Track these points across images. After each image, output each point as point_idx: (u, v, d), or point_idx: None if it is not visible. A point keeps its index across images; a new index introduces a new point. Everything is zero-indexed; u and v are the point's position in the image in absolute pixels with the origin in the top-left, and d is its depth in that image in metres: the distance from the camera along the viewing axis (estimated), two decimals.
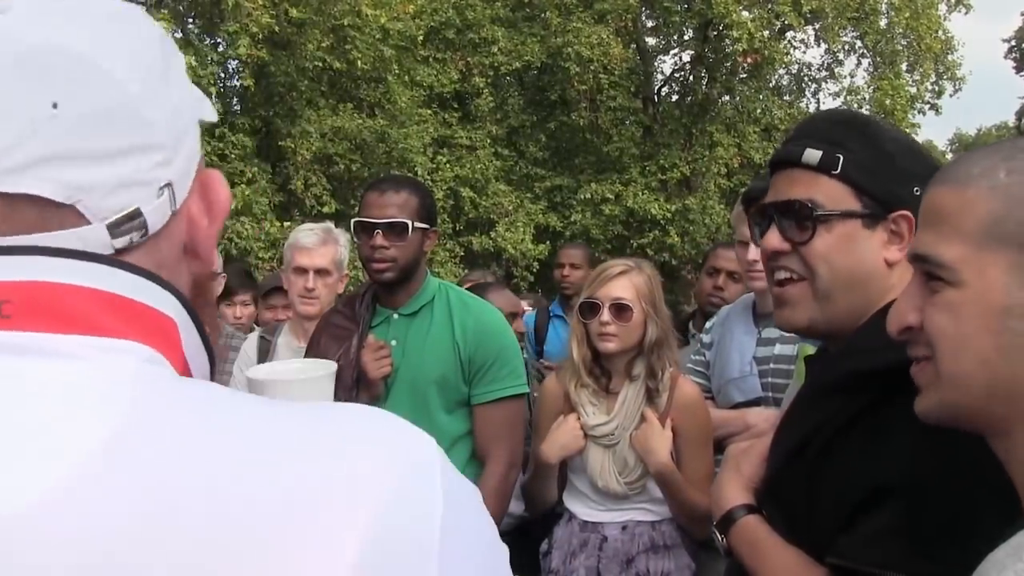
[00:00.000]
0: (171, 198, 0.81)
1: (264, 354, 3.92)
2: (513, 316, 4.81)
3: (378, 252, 3.05)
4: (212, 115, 0.91)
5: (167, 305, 0.79)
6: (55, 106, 0.73)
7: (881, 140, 1.57)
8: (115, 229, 0.77)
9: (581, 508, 3.14)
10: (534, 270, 20.61)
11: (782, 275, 1.64)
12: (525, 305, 4.75)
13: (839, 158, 1.56)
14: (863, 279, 1.56)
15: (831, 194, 1.57)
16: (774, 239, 1.62)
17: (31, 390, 0.70)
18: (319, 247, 3.84)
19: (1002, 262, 1.09)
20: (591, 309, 3.09)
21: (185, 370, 0.81)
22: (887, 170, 1.55)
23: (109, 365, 0.73)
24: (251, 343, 4.04)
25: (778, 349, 3.23)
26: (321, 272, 3.83)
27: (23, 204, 0.73)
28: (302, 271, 3.83)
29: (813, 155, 1.58)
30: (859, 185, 1.56)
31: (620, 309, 3.05)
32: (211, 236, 0.87)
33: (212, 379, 0.85)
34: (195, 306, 0.84)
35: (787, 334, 3.17)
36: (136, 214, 0.78)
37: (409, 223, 3.02)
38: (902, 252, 1.53)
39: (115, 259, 0.76)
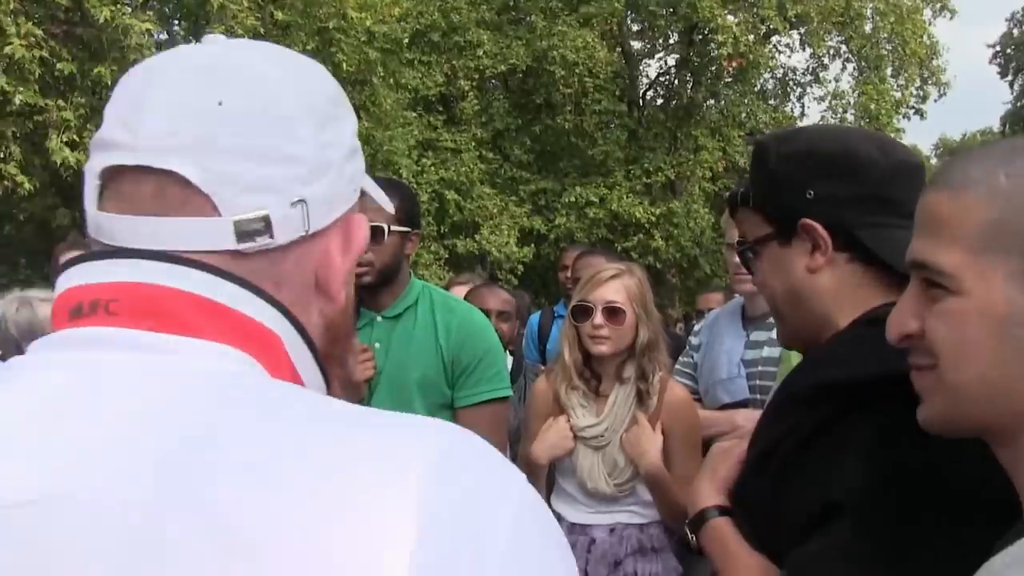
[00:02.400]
0: (304, 216, 0.86)
1: None
2: (506, 315, 4.80)
3: None
4: (375, 191, 1.00)
5: (269, 318, 0.84)
6: (220, 103, 0.83)
7: (767, 160, 1.60)
8: (242, 228, 0.82)
9: (569, 510, 3.13)
10: (518, 273, 20.65)
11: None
12: (466, 291, 4.71)
13: (748, 191, 1.64)
14: (795, 294, 1.58)
15: (751, 225, 1.65)
16: (754, 278, 1.72)
17: (131, 380, 0.76)
18: None
19: (1003, 269, 1.06)
20: (583, 312, 3.09)
21: (297, 383, 0.85)
22: (775, 186, 1.58)
23: (203, 362, 0.78)
24: None
25: (766, 352, 3.24)
26: None
27: (173, 184, 0.81)
28: None
29: (734, 194, 1.70)
30: (762, 209, 1.62)
31: (613, 312, 3.05)
32: (343, 272, 0.91)
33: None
34: (330, 346, 0.91)
35: (774, 337, 3.17)
36: (265, 219, 0.83)
37: (385, 227, 2.98)
38: (825, 256, 1.53)
39: (220, 269, 0.81)
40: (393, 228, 3.01)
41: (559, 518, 3.13)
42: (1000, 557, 1.00)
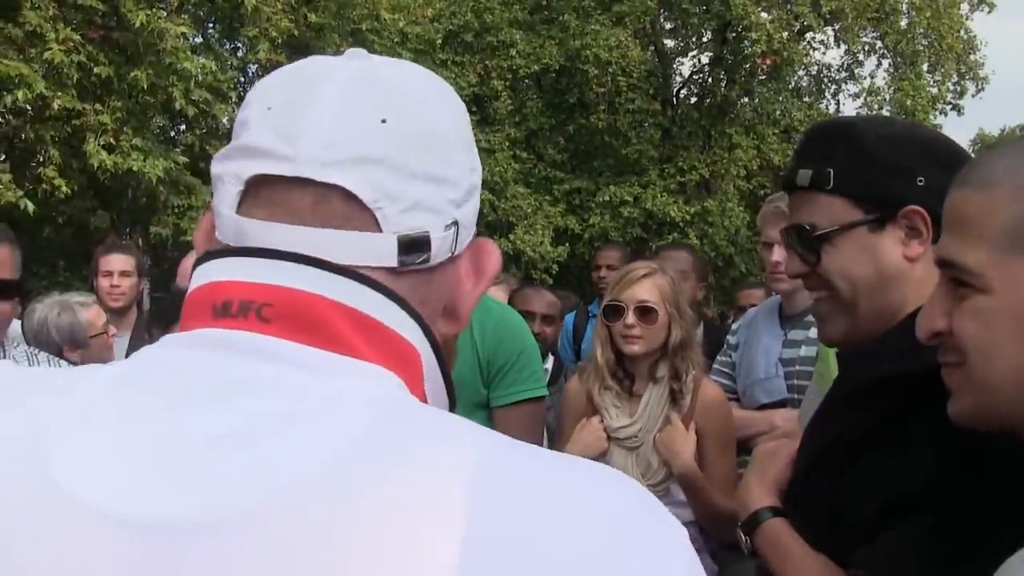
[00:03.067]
0: (455, 239, 0.87)
1: None
2: (551, 319, 4.77)
3: None
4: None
5: (413, 334, 0.83)
6: (384, 121, 0.82)
7: (863, 142, 1.55)
8: (404, 246, 0.82)
9: None
10: (553, 272, 20.61)
11: (814, 295, 1.65)
12: (500, 291, 4.68)
13: (829, 172, 1.55)
14: (884, 282, 1.54)
15: (830, 210, 1.56)
16: (795, 264, 1.64)
17: (279, 397, 0.73)
18: None
19: None
20: (615, 312, 3.08)
21: (423, 400, 0.84)
22: (879, 172, 1.53)
23: (360, 386, 0.76)
24: None
25: (804, 351, 3.22)
26: None
27: (335, 197, 0.80)
28: None
29: (804, 176, 1.59)
30: (854, 195, 1.54)
31: (645, 311, 3.04)
32: (474, 298, 0.92)
33: None
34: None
35: (812, 336, 3.15)
36: (425, 238, 0.83)
37: None
38: (923, 246, 1.50)
39: (374, 281, 0.81)
40: None
41: None
42: (1020, 552, 1.01)
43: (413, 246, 0.82)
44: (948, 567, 1.28)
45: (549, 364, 4.66)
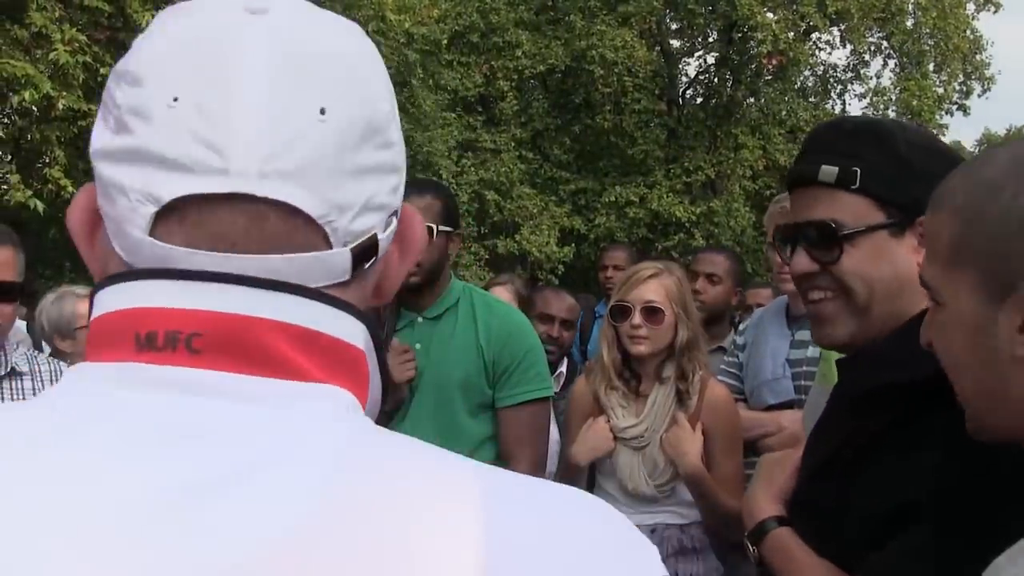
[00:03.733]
0: (394, 228, 0.78)
1: None
2: (570, 324, 4.73)
3: None
4: None
5: (357, 337, 0.73)
6: (323, 112, 0.69)
7: (897, 146, 1.52)
8: (356, 258, 0.72)
9: None
10: (559, 273, 20.62)
11: (816, 295, 1.59)
12: (505, 292, 4.61)
13: (856, 171, 1.51)
14: (899, 288, 1.52)
15: (853, 210, 1.52)
16: (803, 262, 1.58)
17: (230, 439, 0.65)
18: None
19: (968, 282, 1.12)
20: (622, 312, 3.09)
21: (364, 400, 0.75)
22: (907, 176, 1.50)
23: (305, 414, 0.67)
24: None
25: (811, 351, 3.21)
26: None
27: (273, 214, 0.68)
28: None
29: (830, 172, 1.53)
30: (880, 196, 1.51)
31: (651, 312, 3.05)
32: (401, 275, 0.82)
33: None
34: None
35: None
36: (373, 241, 0.74)
37: (433, 227, 3.00)
38: None
39: (318, 291, 0.70)
40: (440, 228, 3.03)
41: None
42: (1005, 553, 1.05)
43: (363, 255, 0.73)
44: (955, 574, 1.27)
45: (564, 367, 4.64)
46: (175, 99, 0.68)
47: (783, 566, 1.58)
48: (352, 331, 0.72)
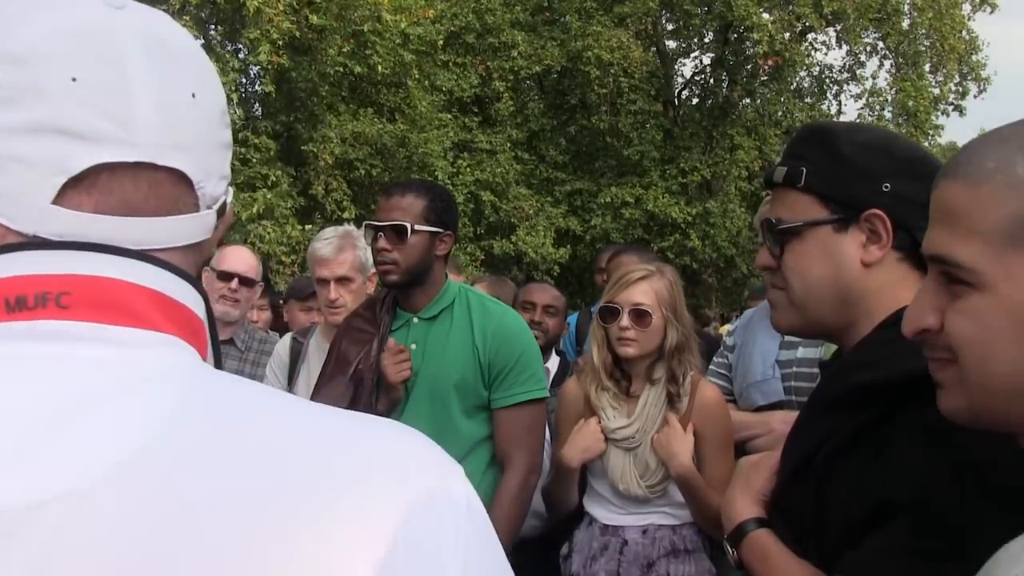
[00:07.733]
0: (232, 195, 0.92)
1: (296, 355, 3.93)
2: (554, 311, 4.79)
3: (379, 255, 3.05)
4: None
5: (199, 308, 0.83)
6: (194, 95, 0.83)
7: (840, 146, 1.59)
8: (215, 217, 0.87)
9: (601, 512, 3.13)
10: (555, 273, 20.60)
11: (772, 288, 1.69)
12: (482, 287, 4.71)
13: (802, 171, 1.61)
14: (843, 283, 1.57)
15: (797, 207, 1.61)
16: (762, 257, 1.69)
17: (88, 373, 0.72)
18: (336, 256, 3.76)
19: None
20: (611, 313, 3.08)
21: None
22: (847, 173, 1.57)
23: (163, 354, 0.76)
24: (284, 345, 4.02)
25: (801, 352, 3.21)
26: (343, 280, 3.76)
27: (167, 181, 0.81)
28: (324, 282, 3.78)
29: (780, 172, 1.65)
30: (823, 194, 1.59)
31: (639, 315, 3.04)
32: (214, 243, 0.91)
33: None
34: None
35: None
36: (225, 204, 0.89)
37: (408, 226, 3.00)
38: (882, 251, 1.54)
39: (167, 263, 0.80)
40: (417, 227, 3.02)
41: (591, 520, 3.15)
42: (1017, 541, 0.98)
43: (216, 216, 0.87)
44: (932, 571, 1.28)
45: (553, 364, 4.65)
46: (74, 79, 0.76)
47: (762, 568, 1.59)
48: (193, 299, 0.82)
